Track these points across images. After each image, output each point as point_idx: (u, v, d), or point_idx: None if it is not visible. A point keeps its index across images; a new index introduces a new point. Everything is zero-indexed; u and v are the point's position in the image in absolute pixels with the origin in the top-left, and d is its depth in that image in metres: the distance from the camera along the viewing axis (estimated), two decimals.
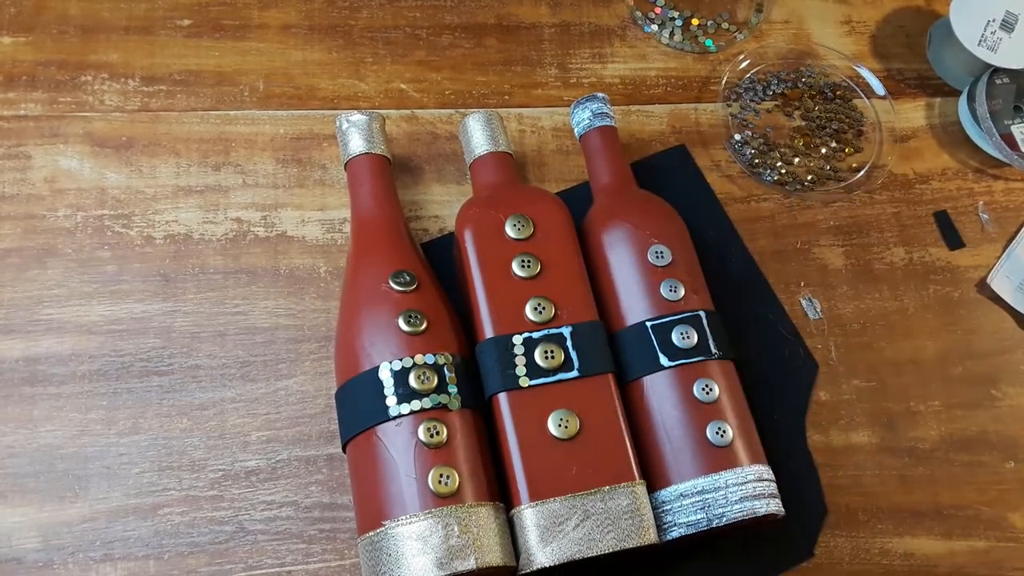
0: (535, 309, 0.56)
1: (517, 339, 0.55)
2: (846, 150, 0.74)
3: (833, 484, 0.62)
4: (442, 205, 0.69)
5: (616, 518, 0.51)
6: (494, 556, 0.50)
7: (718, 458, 0.53)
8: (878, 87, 0.77)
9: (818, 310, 0.66)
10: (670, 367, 0.56)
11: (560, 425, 0.53)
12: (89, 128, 0.70)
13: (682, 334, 0.56)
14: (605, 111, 0.66)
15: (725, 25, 0.74)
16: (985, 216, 0.73)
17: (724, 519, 0.52)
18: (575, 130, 0.68)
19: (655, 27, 0.69)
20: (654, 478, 0.54)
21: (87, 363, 0.62)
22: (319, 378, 0.63)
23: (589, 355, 0.55)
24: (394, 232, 0.61)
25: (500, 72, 0.75)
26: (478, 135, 0.64)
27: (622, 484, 0.52)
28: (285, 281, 0.66)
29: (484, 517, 0.51)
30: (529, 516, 0.51)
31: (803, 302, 0.67)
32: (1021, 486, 0.64)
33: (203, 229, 0.67)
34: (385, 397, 0.52)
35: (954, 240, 0.72)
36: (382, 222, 0.61)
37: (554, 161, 0.72)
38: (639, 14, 0.64)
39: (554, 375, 0.54)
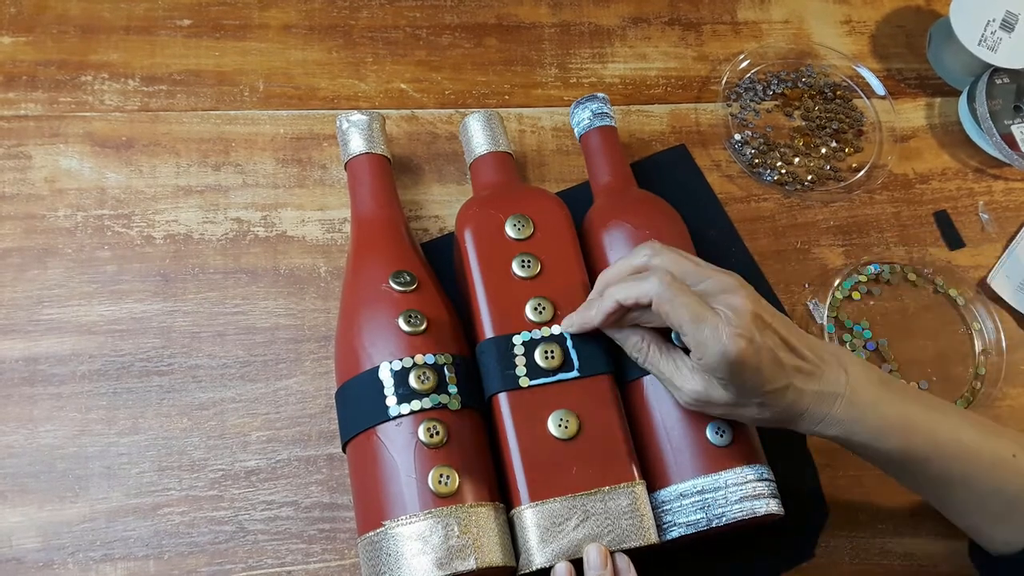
0: (535, 309, 0.56)
1: (517, 339, 0.55)
2: (846, 150, 0.74)
3: (833, 484, 0.62)
4: (442, 205, 0.69)
5: (616, 518, 0.51)
6: (494, 556, 0.50)
7: (718, 458, 0.53)
8: (878, 87, 0.76)
9: (824, 315, 0.66)
10: None
11: (560, 425, 0.53)
12: (89, 128, 0.70)
13: None
14: (605, 111, 0.66)
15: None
16: (985, 216, 0.73)
17: (724, 519, 0.52)
18: (575, 130, 0.68)
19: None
20: (654, 478, 0.54)
21: (87, 363, 0.62)
22: (319, 378, 0.63)
23: (589, 355, 0.55)
24: (394, 232, 0.61)
25: (500, 72, 0.75)
26: (478, 135, 0.64)
27: (622, 484, 0.52)
28: (285, 281, 0.66)
29: (484, 517, 0.51)
30: (529, 516, 0.51)
31: (809, 305, 0.67)
32: None
33: (203, 229, 0.67)
34: (385, 397, 0.52)
35: (954, 240, 0.72)
36: (382, 222, 0.61)
37: (554, 161, 0.72)
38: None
39: (554, 375, 0.54)
